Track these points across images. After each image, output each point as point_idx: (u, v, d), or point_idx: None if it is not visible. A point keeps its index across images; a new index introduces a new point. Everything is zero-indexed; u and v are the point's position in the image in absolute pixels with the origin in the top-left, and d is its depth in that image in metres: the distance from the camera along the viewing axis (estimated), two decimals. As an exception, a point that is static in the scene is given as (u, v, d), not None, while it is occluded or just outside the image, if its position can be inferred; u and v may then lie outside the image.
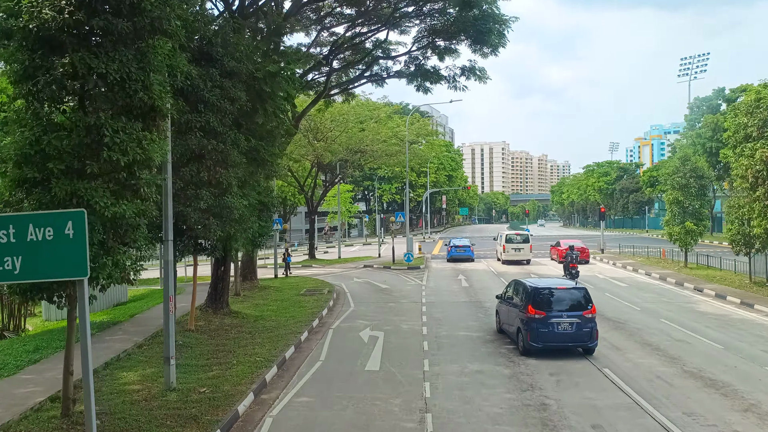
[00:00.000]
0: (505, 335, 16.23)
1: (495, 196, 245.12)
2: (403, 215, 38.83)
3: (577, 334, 13.78)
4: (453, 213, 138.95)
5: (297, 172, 46.03)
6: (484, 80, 28.61)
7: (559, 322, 13.70)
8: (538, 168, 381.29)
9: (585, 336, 13.82)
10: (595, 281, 28.93)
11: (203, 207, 14.42)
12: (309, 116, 39.13)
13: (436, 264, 39.14)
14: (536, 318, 13.76)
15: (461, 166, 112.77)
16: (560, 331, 13.72)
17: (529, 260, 37.06)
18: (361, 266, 38.51)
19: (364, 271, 35.83)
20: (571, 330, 13.73)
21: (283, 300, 23.05)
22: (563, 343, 13.93)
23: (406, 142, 40.17)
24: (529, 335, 13.83)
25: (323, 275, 33.82)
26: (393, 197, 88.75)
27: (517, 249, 36.82)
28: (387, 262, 39.74)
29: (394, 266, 36.69)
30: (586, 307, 13.92)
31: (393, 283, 29.03)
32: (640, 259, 38.74)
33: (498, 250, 39.41)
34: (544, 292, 14.26)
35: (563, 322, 13.71)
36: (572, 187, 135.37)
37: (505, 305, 16.12)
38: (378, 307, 21.82)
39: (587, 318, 13.81)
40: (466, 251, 39.66)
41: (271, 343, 15.41)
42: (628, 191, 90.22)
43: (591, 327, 13.84)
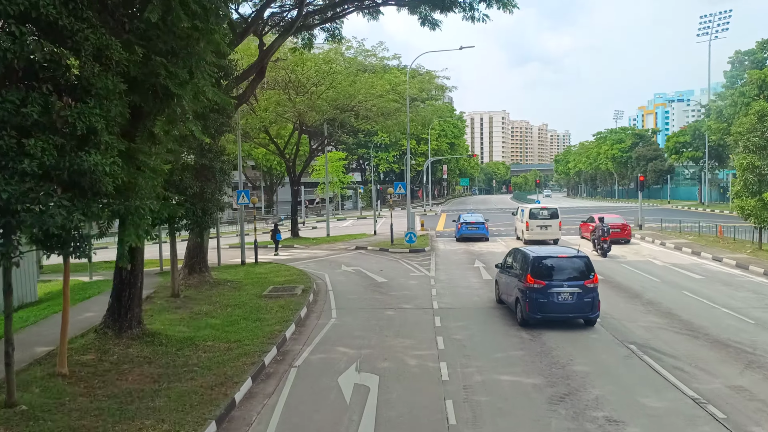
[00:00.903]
0: (505, 306, 15.63)
1: (496, 166, 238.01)
2: (403, 186, 31.95)
3: (578, 305, 13.32)
4: (453, 184, 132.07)
5: (278, 136, 38.97)
6: (510, 7, 21.43)
7: (560, 292, 13.24)
8: (538, 138, 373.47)
9: (586, 306, 13.38)
10: (654, 270, 22.22)
11: (30, 170, 7.54)
12: (288, 67, 31.95)
13: (444, 244, 32.39)
14: (535, 288, 13.28)
15: (464, 133, 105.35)
16: (560, 301, 13.25)
17: (557, 240, 30.38)
18: (352, 247, 31.76)
19: (356, 255, 29.08)
20: (572, 300, 13.28)
21: (237, 306, 16.30)
22: (563, 314, 13.43)
23: (406, 98, 33.11)
24: (528, 305, 13.36)
25: (304, 260, 27.09)
26: (390, 166, 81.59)
27: (543, 226, 30.06)
28: (384, 242, 32.97)
29: (392, 248, 29.94)
30: (588, 277, 13.42)
31: (392, 274, 22.29)
32: (690, 237, 32.04)
33: (518, 228, 32.65)
34: (544, 260, 13.68)
35: (563, 292, 13.24)
36: (580, 155, 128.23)
37: (505, 275, 15.57)
38: (371, 319, 15.11)
39: (589, 288, 13.34)
40: (480, 229, 32.88)
41: (178, 412, 8.71)
42: (646, 159, 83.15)
43: (593, 297, 13.38)
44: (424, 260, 25.92)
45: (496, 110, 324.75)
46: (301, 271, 22.91)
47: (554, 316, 13.32)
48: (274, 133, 38.69)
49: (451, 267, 23.78)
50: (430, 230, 42.10)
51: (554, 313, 13.25)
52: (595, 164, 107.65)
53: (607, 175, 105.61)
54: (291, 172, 37.07)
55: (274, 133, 38.69)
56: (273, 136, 37.03)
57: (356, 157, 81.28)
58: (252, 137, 35.44)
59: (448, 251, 29.17)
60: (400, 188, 31.67)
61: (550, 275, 13.35)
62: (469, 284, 19.77)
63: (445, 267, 23.80)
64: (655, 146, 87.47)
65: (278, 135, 38.47)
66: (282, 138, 38.43)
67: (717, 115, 54.28)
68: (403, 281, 20.57)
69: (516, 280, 14.22)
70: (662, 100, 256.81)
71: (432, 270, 22.93)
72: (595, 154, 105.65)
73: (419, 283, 20.09)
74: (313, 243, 35.27)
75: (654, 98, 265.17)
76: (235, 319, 14.67)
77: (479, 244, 31.80)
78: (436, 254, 27.97)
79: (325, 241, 36.49)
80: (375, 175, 79.66)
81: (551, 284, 13.17)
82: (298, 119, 34.83)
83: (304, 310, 15.72)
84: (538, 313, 13.20)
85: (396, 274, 22.07)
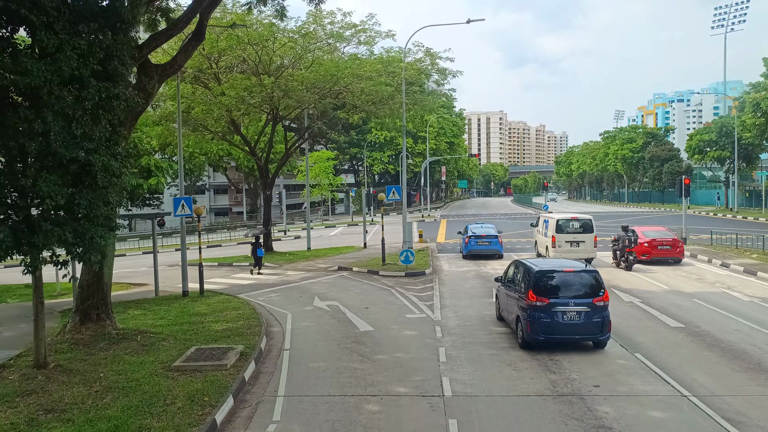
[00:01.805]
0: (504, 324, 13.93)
1: (494, 168, 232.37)
2: (398, 190, 25.64)
3: (586, 325, 11.85)
4: (451, 186, 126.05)
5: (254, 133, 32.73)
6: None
7: (565, 310, 11.82)
8: (536, 139, 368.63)
9: (595, 327, 11.87)
10: (741, 309, 15.91)
11: None
12: (256, 42, 25.75)
13: (449, 263, 26.11)
14: (538, 306, 11.86)
15: (464, 132, 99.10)
16: (566, 321, 11.82)
17: (591, 259, 24.24)
18: (334, 267, 25.48)
19: (337, 279, 22.79)
20: (579, 320, 11.83)
21: (123, 391, 9.93)
22: (569, 335, 11.99)
23: (402, 79, 26.86)
24: (530, 325, 11.89)
25: (269, 288, 20.84)
26: (385, 167, 75.31)
27: (574, 242, 23.85)
28: (374, 259, 26.71)
29: (384, 269, 23.67)
30: (597, 294, 11.99)
31: (381, 316, 15.96)
32: (754, 255, 25.84)
33: (540, 242, 26.42)
34: (549, 275, 12.34)
35: (570, 311, 11.82)
36: (584, 156, 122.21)
37: (505, 289, 14.07)
38: (338, 426, 8.78)
39: (598, 306, 11.87)
40: (493, 244, 26.63)
41: None
42: (660, 160, 77.06)
43: (602, 317, 11.89)
44: (425, 289, 19.63)
45: (494, 111, 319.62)
46: (253, 309, 16.56)
47: (559, 338, 11.98)
48: (247, 130, 32.44)
49: (462, 302, 17.48)
50: (429, 242, 35.86)
51: (559, 334, 11.93)
52: (601, 165, 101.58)
53: (615, 177, 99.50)
54: (264, 173, 30.74)
55: (247, 130, 32.44)
56: (244, 131, 30.74)
57: (348, 156, 75.05)
58: (214, 130, 29.13)
59: (454, 274, 22.88)
60: (394, 193, 25.39)
61: (555, 292, 12.10)
62: (493, 338, 13.47)
63: (453, 302, 17.49)
64: (669, 146, 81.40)
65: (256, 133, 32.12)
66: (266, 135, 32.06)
67: (753, 109, 48.15)
68: (396, 331, 14.24)
69: (517, 296, 12.92)
70: (662, 101, 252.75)
71: (436, 307, 16.62)
72: (602, 155, 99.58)
73: (419, 335, 13.79)
74: (289, 260, 28.97)
75: (654, 98, 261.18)
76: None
77: (492, 263, 25.55)
78: (439, 279, 21.67)
79: (304, 257, 30.18)
80: (368, 176, 73.37)
81: (556, 302, 11.92)
82: (271, 108, 28.55)
83: (227, 405, 9.38)
84: (541, 334, 11.89)
85: (386, 317, 15.75)
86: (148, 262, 35.15)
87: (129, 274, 27.89)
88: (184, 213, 19.09)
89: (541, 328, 11.81)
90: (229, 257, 32.35)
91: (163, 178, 57.66)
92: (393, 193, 25.07)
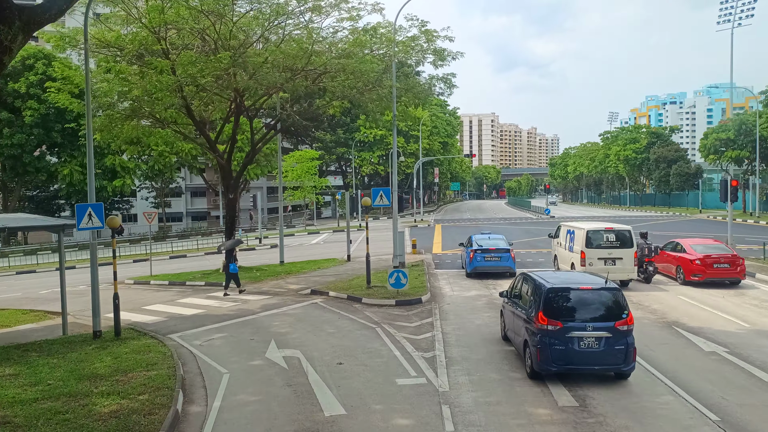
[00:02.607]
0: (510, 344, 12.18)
1: (486, 170, 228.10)
2: (386, 193, 20.47)
3: (607, 354, 9.98)
4: (444, 188, 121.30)
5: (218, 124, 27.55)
6: None
7: (582, 336, 9.98)
8: (527, 141, 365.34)
9: (618, 356, 10.00)
10: None
11: None
12: (213, 10, 20.65)
13: (450, 284, 21.01)
14: (549, 330, 10.06)
15: (458, 132, 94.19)
16: (583, 348, 9.98)
17: (628, 281, 19.31)
18: (307, 291, 20.34)
19: (307, 310, 17.62)
20: (599, 347, 9.96)
21: None
22: (587, 365, 10.12)
23: (392, 60, 21.79)
24: (540, 353, 10.08)
25: (211, 327, 15.67)
26: (375, 168, 70.17)
27: (609, 259, 18.86)
28: (357, 279, 21.62)
29: (369, 295, 18.51)
30: (620, 316, 10.14)
31: (358, 381, 10.78)
32: (826, 273, 21.00)
33: (562, 257, 21.41)
34: (562, 292, 10.46)
35: (587, 337, 9.98)
36: (581, 158, 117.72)
37: (511, 306, 12.25)
38: None
39: (621, 331, 10.03)
40: (504, 259, 21.58)
41: None
42: (666, 161, 72.50)
43: (626, 343, 10.03)
44: (422, 328, 14.51)
45: (486, 113, 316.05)
46: (175, 371, 11.34)
47: (575, 368, 10.07)
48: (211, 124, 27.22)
49: (477, 353, 12.34)
50: (424, 253, 30.79)
51: (575, 364, 10.01)
52: (601, 167, 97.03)
53: (616, 179, 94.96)
54: (226, 173, 25.53)
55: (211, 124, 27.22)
56: (203, 121, 25.50)
57: (334, 157, 69.87)
58: (163, 119, 23.92)
59: (459, 302, 17.77)
60: (382, 197, 20.24)
61: (570, 313, 10.21)
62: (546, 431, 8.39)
63: (464, 353, 12.35)
64: (675, 146, 76.85)
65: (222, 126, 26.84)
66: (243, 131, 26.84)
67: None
68: (381, 418, 9.02)
69: (524, 317, 10.97)
70: (655, 103, 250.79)
71: (440, 363, 11.47)
72: (602, 156, 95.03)
73: (418, 426, 8.66)
74: (255, 278, 23.78)
75: (646, 100, 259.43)
76: None
77: (504, 283, 20.44)
78: (440, 310, 16.56)
79: (274, 273, 25.01)
80: (357, 178, 68.20)
81: (571, 326, 10.00)
82: (235, 96, 23.40)
83: None
84: (553, 364, 9.98)
85: (367, 384, 10.58)
86: (87, 279, 29.93)
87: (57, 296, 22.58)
88: (92, 226, 13.80)
89: (553, 357, 10.09)
90: (187, 272, 27.14)
91: (129, 180, 52.25)
92: (381, 198, 19.95)
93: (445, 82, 24.25)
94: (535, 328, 10.36)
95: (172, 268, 31.09)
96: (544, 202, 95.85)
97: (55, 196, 54.08)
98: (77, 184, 48.95)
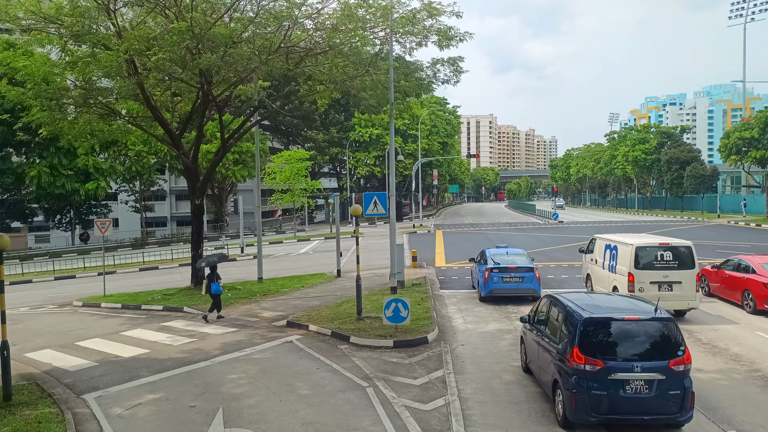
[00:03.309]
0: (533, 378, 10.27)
1: (485, 172, 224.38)
2: (381, 199, 16.41)
3: (659, 400, 8.14)
4: (442, 191, 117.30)
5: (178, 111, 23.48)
6: None
7: (629, 378, 8.13)
8: (525, 143, 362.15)
9: (672, 402, 8.15)
10: None
11: None
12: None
13: (462, 313, 16.94)
14: (587, 371, 8.22)
15: (458, 131, 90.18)
16: (630, 394, 8.12)
17: (687, 310, 15.35)
18: (282, 323, 16.27)
19: (278, 353, 13.54)
20: (649, 393, 8.13)
21: None
22: (635, 415, 8.21)
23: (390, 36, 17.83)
24: (575, 399, 8.23)
25: (144, 382, 11.62)
26: (371, 170, 66.10)
27: (665, 284, 14.87)
28: (345, 303, 17.56)
29: (358, 330, 14.43)
30: (675, 353, 8.27)
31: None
32: None
33: (599, 277, 17.34)
34: (602, 324, 8.54)
35: (635, 380, 8.13)
36: (584, 159, 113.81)
37: (534, 334, 10.34)
38: None
39: (677, 372, 8.18)
40: (526, 280, 17.55)
41: None
42: (679, 162, 68.60)
43: (683, 387, 8.17)
44: (431, 387, 10.47)
45: (484, 114, 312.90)
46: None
47: (619, 419, 8.25)
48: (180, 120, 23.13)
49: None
50: (426, 266, 26.78)
51: (619, 414, 8.21)
52: (606, 169, 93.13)
53: (622, 182, 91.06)
54: (191, 174, 21.46)
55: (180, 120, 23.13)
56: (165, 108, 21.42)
57: (327, 158, 65.81)
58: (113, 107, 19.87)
59: (476, 341, 13.71)
60: (376, 204, 16.20)
61: (613, 350, 8.39)
62: None
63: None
64: (688, 146, 72.98)
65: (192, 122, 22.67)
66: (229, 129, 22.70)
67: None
68: None
69: (553, 351, 9.10)
70: (655, 104, 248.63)
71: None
72: (608, 157, 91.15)
73: None
74: (226, 301, 19.61)
75: (646, 102, 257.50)
76: None
77: (527, 310, 16.45)
78: (453, 356, 12.48)
79: (249, 294, 20.96)
80: (351, 180, 64.17)
81: (614, 366, 8.19)
82: (201, 79, 19.36)
83: None
84: (592, 413, 8.19)
85: None
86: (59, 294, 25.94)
87: None
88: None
89: (592, 404, 8.14)
90: (147, 292, 23.06)
91: (104, 182, 48.04)
92: (374, 205, 15.90)
93: (452, 66, 20.18)
94: (568, 367, 8.51)
95: (136, 283, 27.03)
96: (546, 205, 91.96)
97: (24, 199, 49.89)
98: (46, 186, 44.81)
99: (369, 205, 15.83)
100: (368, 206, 15.80)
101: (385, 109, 20.57)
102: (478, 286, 18.77)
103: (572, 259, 27.55)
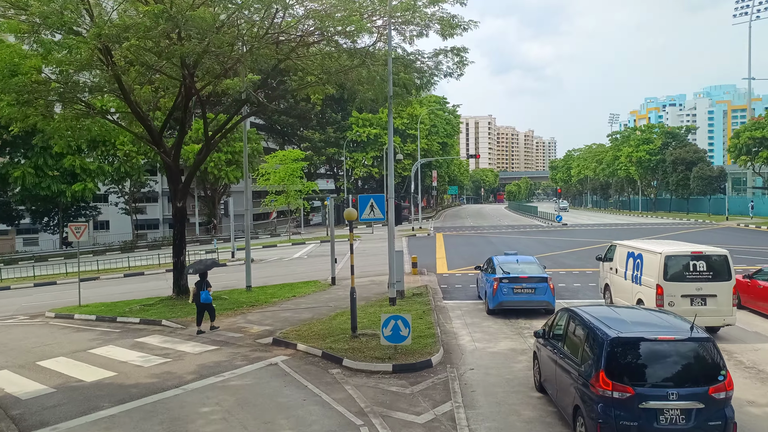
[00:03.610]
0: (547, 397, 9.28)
1: (484, 174, 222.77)
2: (379, 202, 14.77)
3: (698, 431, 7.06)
4: (441, 192, 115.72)
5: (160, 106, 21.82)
6: None
7: (663, 407, 7.12)
8: (524, 144, 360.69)
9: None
10: None
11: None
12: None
13: (469, 328, 15.24)
14: (615, 399, 7.19)
15: (458, 131, 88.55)
16: (663, 425, 7.10)
17: (722, 326, 13.68)
18: (268, 340, 14.58)
19: (260, 379, 11.87)
20: (687, 423, 7.11)
21: None
22: None
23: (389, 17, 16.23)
24: (600, 430, 7.20)
25: (102, 414, 9.89)
26: (369, 170, 64.43)
27: (697, 297, 13.22)
28: (339, 317, 15.87)
29: (352, 350, 12.73)
30: (716, 378, 7.26)
31: None
32: None
33: (620, 288, 15.64)
34: (632, 345, 7.48)
35: (670, 408, 7.12)
36: (585, 160, 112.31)
37: (550, 351, 9.28)
38: None
39: (717, 400, 7.18)
40: (539, 291, 15.88)
41: None
42: (685, 163, 67.05)
43: (724, 417, 7.17)
44: (437, 426, 8.81)
45: (482, 115, 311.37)
46: None
47: None
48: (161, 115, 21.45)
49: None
50: (426, 273, 25.12)
51: None
52: (609, 169, 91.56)
53: (625, 183, 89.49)
54: (173, 174, 19.78)
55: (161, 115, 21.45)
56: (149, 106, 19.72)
57: (324, 158, 64.14)
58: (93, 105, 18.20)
59: (487, 363, 12.03)
60: (374, 207, 14.55)
61: (644, 375, 7.34)
62: None
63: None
64: (694, 147, 71.47)
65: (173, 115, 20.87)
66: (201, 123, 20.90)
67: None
68: None
69: (574, 373, 8.08)
70: (654, 105, 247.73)
71: None
72: (611, 158, 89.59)
73: None
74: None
75: (646, 102, 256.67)
76: None
77: (540, 324, 14.78)
78: (462, 383, 10.81)
79: (236, 304, 19.28)
80: (349, 181, 62.50)
81: (646, 393, 7.13)
82: (183, 71, 17.69)
83: None
84: None
85: None
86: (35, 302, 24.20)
87: None
88: None
89: None
90: (127, 301, 21.38)
91: (92, 183, 46.26)
92: (371, 208, 14.22)
93: (457, 56, 18.50)
94: (593, 393, 7.49)
95: (119, 291, 25.35)
96: (547, 207, 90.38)
97: (10, 201, 48.13)
98: (31, 187, 43.09)
99: (365, 208, 14.17)
100: (364, 210, 14.14)
101: (383, 108, 18.96)
102: (485, 297, 17.11)
103: (582, 266, 25.91)
